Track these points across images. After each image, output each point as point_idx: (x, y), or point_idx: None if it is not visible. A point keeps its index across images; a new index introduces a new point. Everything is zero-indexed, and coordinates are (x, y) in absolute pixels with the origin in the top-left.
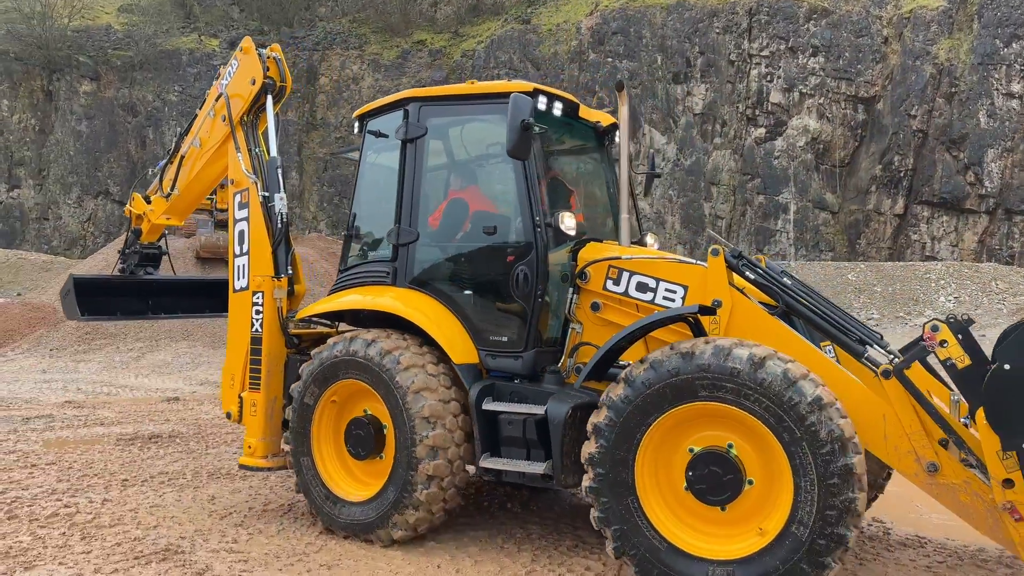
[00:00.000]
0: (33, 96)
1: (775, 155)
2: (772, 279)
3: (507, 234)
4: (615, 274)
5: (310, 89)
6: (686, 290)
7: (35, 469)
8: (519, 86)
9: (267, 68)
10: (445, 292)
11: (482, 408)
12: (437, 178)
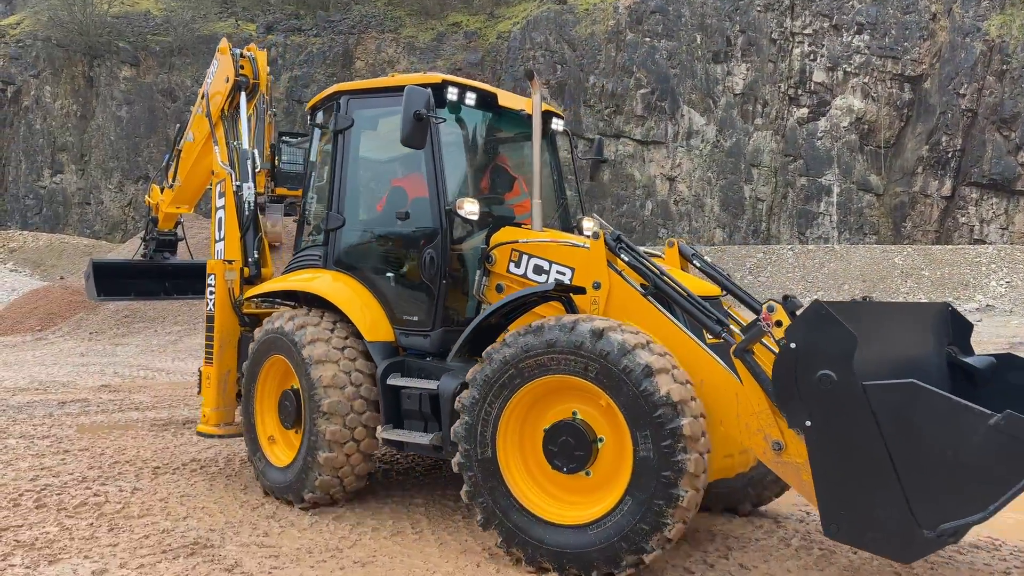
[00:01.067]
0: (75, 82)
1: (818, 136)
2: (643, 262)
3: (418, 220)
4: (516, 257)
5: (346, 73)
6: (573, 272)
7: (67, 455)
8: (429, 78)
9: (241, 67)
10: (366, 274)
11: (387, 383)
12: (365, 167)
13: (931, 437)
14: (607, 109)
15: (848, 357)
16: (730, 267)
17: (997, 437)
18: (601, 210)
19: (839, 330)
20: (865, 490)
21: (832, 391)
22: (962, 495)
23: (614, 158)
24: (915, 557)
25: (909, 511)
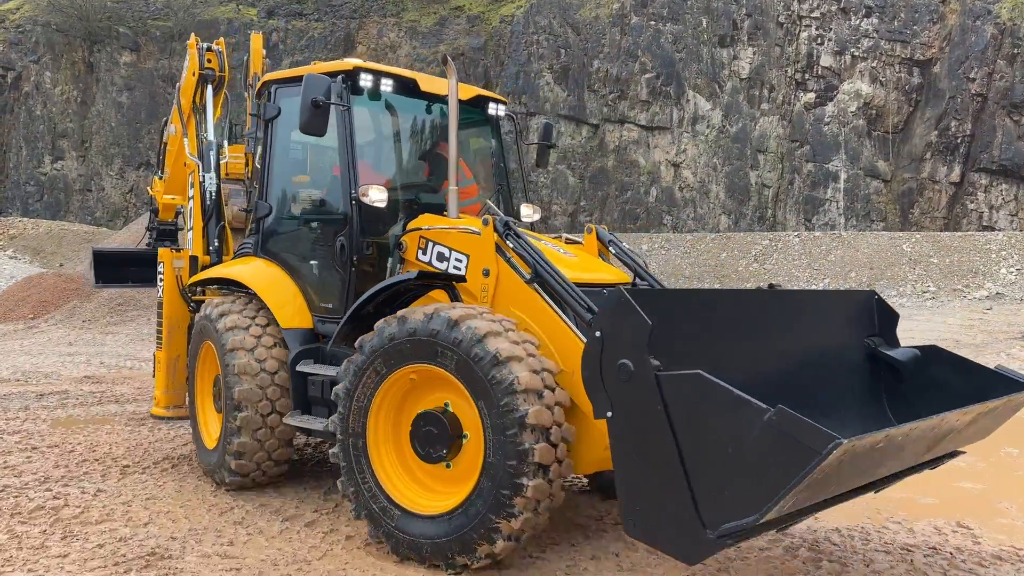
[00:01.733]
0: (75, 67)
1: (825, 121)
2: (527, 249)
3: (332, 207)
4: (423, 244)
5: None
6: (468, 259)
7: (35, 453)
8: (342, 65)
9: (207, 60)
10: (289, 261)
11: (295, 369)
12: (291, 155)
13: (716, 432)
14: (611, 94)
15: (642, 346)
16: (735, 255)
17: (771, 433)
18: (604, 197)
19: (636, 318)
20: (658, 487)
21: (629, 381)
22: (742, 495)
23: (619, 144)
24: (698, 559)
25: (695, 510)
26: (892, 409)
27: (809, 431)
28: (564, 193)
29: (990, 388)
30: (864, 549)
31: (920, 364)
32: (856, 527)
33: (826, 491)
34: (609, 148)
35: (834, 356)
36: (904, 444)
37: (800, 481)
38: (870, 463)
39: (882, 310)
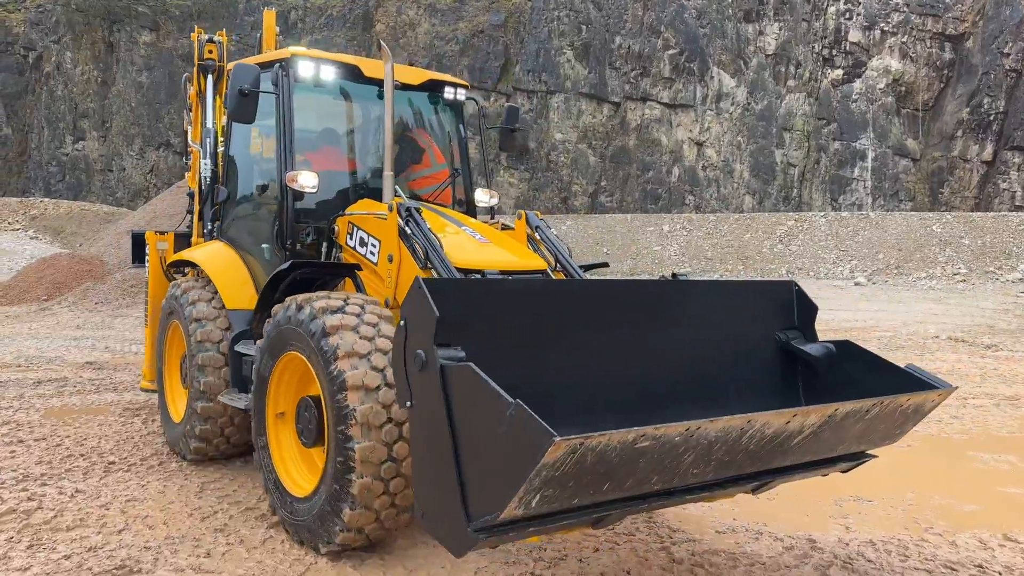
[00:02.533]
0: (95, 48)
1: (853, 98)
2: (422, 235)
3: (272, 193)
4: (351, 230)
5: (366, 36)
6: (380, 244)
7: (20, 447)
8: (280, 53)
9: (208, 51)
10: (242, 245)
11: (234, 349)
12: (245, 141)
13: (480, 425)
14: (633, 71)
15: (431, 335)
16: (759, 235)
17: (512, 428)
18: (625, 176)
19: (427, 308)
20: (440, 478)
21: (422, 371)
22: (493, 490)
23: (641, 122)
24: (461, 553)
25: (463, 503)
26: (809, 404)
27: (533, 427)
28: (584, 173)
29: (899, 387)
30: (903, 567)
31: (833, 359)
32: (892, 540)
33: (600, 488)
34: (631, 127)
35: (747, 349)
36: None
37: (531, 476)
38: (653, 461)
39: (801, 302)
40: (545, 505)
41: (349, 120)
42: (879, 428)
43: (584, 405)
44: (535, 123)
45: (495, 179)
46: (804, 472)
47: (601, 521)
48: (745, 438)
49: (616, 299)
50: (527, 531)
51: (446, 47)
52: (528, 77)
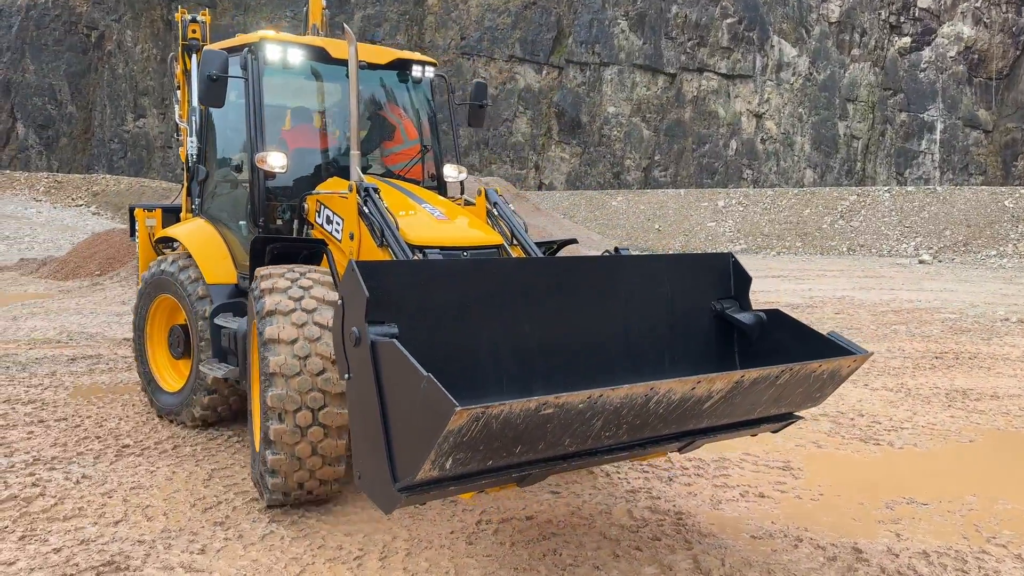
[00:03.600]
0: (154, 26)
1: (921, 67)
2: (378, 213)
3: (245, 172)
4: (318, 208)
5: (418, 11)
6: (344, 221)
7: (39, 427)
8: (248, 38)
9: (192, 31)
10: (222, 222)
11: (214, 321)
12: (221, 122)
13: (401, 395)
14: (690, 41)
15: (362, 314)
16: (819, 211)
17: (424, 398)
18: (680, 150)
19: (359, 288)
20: (371, 443)
21: (357, 346)
22: (412, 453)
23: (697, 94)
24: (390, 510)
25: (391, 465)
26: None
27: (440, 398)
28: (638, 147)
29: (822, 353)
30: None
31: (764, 328)
32: (949, 550)
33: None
34: (686, 99)
35: (683, 319)
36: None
37: (439, 442)
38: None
39: (737, 273)
40: (460, 467)
41: (319, 100)
42: (797, 392)
43: (518, 376)
44: (587, 96)
45: (546, 153)
46: (728, 432)
47: (524, 480)
48: (652, 404)
49: (550, 275)
50: (448, 490)
51: (498, 20)
52: (581, 49)
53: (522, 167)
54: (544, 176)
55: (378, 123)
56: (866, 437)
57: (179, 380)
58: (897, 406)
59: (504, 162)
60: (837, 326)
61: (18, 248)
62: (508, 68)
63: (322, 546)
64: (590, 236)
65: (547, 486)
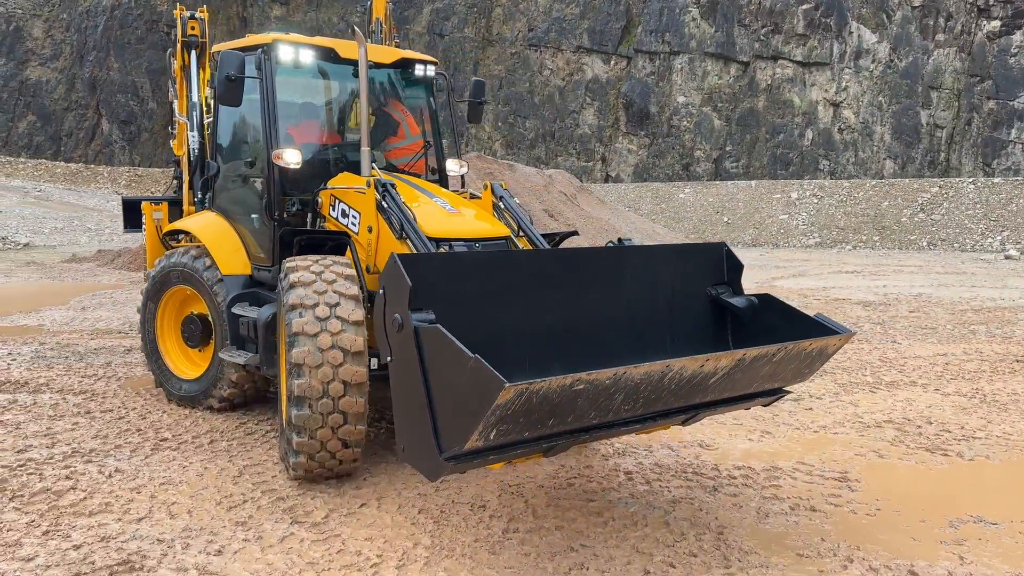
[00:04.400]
0: (230, 23)
1: (1012, 52)
2: (397, 208)
3: (259, 168)
4: (332, 201)
5: (485, 3)
6: (360, 215)
7: (85, 419)
8: (261, 39)
9: (191, 28)
10: (233, 215)
11: (231, 311)
12: (232, 119)
13: (447, 374)
14: (764, 28)
15: (405, 302)
16: (898, 204)
17: (472, 376)
18: (753, 140)
19: (401, 279)
20: (416, 418)
21: (400, 332)
22: (459, 426)
23: (771, 82)
24: (436, 477)
25: (436, 438)
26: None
27: (488, 376)
28: (708, 138)
29: (809, 333)
30: None
31: (756, 311)
32: None
33: (546, 423)
34: (760, 87)
35: (682, 303)
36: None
37: (488, 415)
38: (588, 402)
39: (730, 260)
40: (501, 438)
41: (328, 97)
42: (789, 368)
43: (536, 357)
44: (656, 86)
45: (613, 145)
46: (727, 406)
47: (551, 450)
48: (667, 380)
49: (564, 265)
50: (488, 459)
51: (566, 10)
52: (650, 38)
53: (588, 159)
54: (611, 168)
55: (382, 119)
56: (933, 447)
57: (195, 368)
58: (970, 413)
59: (570, 154)
60: (911, 325)
61: (99, 239)
62: (575, 59)
63: (341, 551)
64: (655, 229)
65: (583, 493)
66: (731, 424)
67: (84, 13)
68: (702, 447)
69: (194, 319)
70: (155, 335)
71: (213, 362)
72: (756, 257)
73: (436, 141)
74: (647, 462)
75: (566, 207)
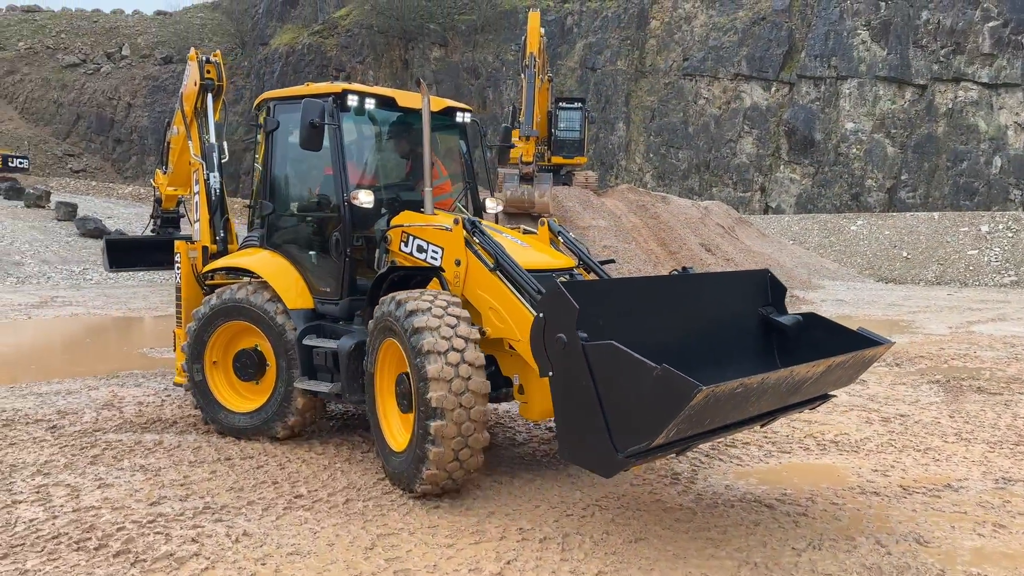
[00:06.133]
0: (392, 65)
1: None
2: (490, 243)
3: (327, 208)
4: (405, 238)
5: (639, 35)
6: (443, 251)
7: (223, 466)
8: (332, 88)
9: (208, 72)
10: (292, 252)
11: (302, 343)
12: (288, 161)
13: (623, 383)
14: (943, 48)
15: (572, 324)
16: None
17: (658, 383)
18: (932, 168)
19: (568, 304)
20: (584, 423)
21: (564, 349)
22: (641, 426)
23: (952, 106)
24: (612, 473)
25: (610, 439)
26: (782, 363)
27: (682, 381)
28: (881, 166)
29: (854, 345)
30: None
31: (802, 327)
32: None
33: (704, 423)
34: (939, 111)
35: (738, 322)
36: (762, 390)
37: (678, 415)
38: (735, 403)
39: (774, 285)
40: (676, 436)
41: (384, 142)
42: (847, 374)
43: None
44: (822, 112)
45: (773, 175)
46: (794, 410)
47: (685, 450)
48: (784, 385)
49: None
50: (657, 455)
51: (723, 38)
52: (815, 63)
53: (746, 190)
54: (770, 199)
55: (418, 161)
56: None
57: (246, 400)
58: None
59: (725, 185)
60: None
61: None
62: (733, 87)
63: None
64: (822, 264)
65: None
66: (949, 511)
67: (263, 60)
68: (918, 542)
69: (249, 353)
70: (204, 370)
71: (275, 393)
72: (944, 297)
73: (472, 181)
74: (851, 561)
75: (724, 240)
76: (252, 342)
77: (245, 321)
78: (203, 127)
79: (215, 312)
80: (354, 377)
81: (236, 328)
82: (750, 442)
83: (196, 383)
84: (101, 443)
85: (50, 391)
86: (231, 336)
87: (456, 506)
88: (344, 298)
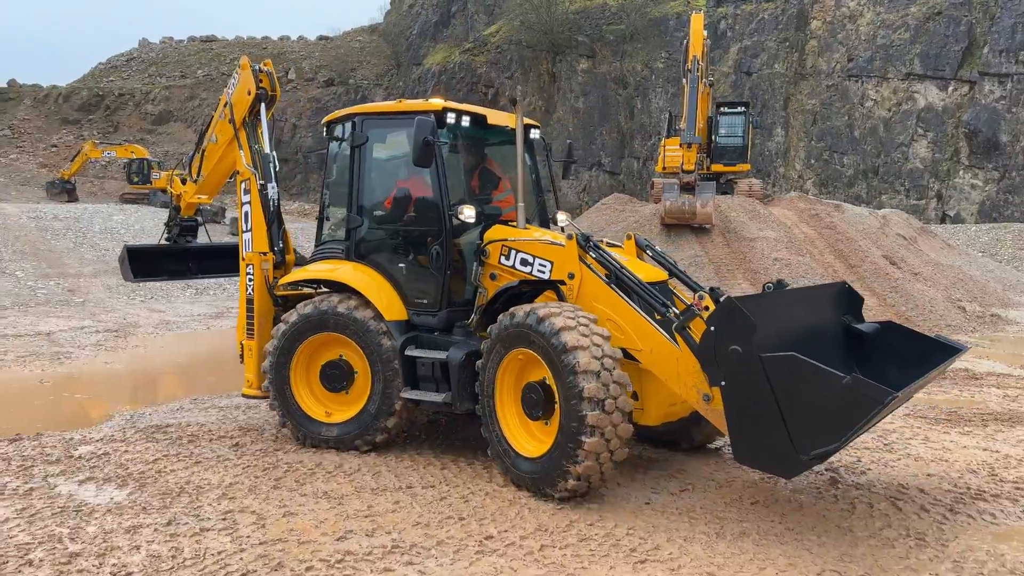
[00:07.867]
0: (540, 79)
1: None
2: (606, 257)
3: (426, 221)
4: (506, 251)
5: (799, 37)
6: (552, 264)
7: (406, 495)
8: (431, 105)
9: (260, 81)
10: (383, 265)
11: (404, 354)
12: (376, 175)
13: (805, 391)
14: None
15: (749, 337)
16: None
17: (848, 391)
18: None
19: (744, 318)
20: (761, 428)
21: (739, 360)
22: (827, 430)
23: None
24: (795, 474)
25: (790, 442)
26: (860, 367)
27: (874, 389)
28: None
29: (932, 352)
30: None
31: (880, 334)
32: None
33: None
34: None
35: (824, 332)
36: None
37: (865, 418)
38: (897, 404)
39: (852, 295)
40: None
41: (474, 157)
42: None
43: None
44: (1008, 112)
45: (951, 180)
46: None
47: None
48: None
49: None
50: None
51: (893, 36)
52: (1000, 59)
53: (920, 197)
54: (948, 207)
55: (486, 175)
56: None
57: (334, 411)
58: None
59: (896, 192)
60: None
61: None
62: (904, 87)
63: None
64: (1020, 278)
65: None
66: None
67: (416, 79)
68: None
69: (338, 364)
70: (289, 382)
71: (370, 402)
72: None
73: (541, 195)
74: None
75: (908, 252)
76: (336, 353)
77: (336, 332)
78: (251, 136)
79: (306, 323)
80: (465, 387)
81: (320, 340)
82: (1000, 495)
83: (278, 394)
84: (283, 464)
85: (230, 405)
86: (315, 348)
87: (664, 560)
88: (443, 309)
